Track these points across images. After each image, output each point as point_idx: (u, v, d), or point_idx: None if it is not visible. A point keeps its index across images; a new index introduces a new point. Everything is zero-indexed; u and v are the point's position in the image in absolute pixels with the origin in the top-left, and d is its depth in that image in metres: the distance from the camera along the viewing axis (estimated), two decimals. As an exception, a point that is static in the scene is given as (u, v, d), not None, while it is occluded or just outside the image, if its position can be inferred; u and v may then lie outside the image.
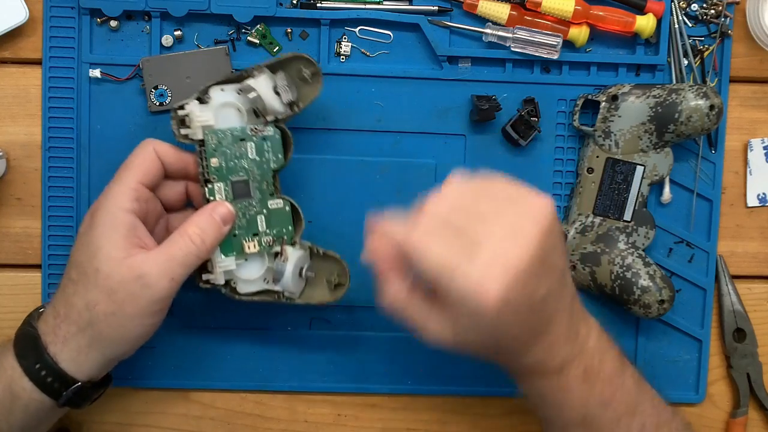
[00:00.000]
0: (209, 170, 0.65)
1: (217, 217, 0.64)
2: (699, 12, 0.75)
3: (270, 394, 0.76)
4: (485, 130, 0.74)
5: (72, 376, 0.62)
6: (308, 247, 0.67)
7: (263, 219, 0.66)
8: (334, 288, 0.68)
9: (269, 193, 0.66)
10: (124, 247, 0.61)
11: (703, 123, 0.71)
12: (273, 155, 0.66)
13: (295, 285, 0.66)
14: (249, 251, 0.66)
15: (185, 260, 0.62)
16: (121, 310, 0.61)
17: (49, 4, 0.71)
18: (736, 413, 0.77)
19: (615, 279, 0.73)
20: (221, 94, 0.65)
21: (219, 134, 0.65)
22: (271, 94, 0.65)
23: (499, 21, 0.72)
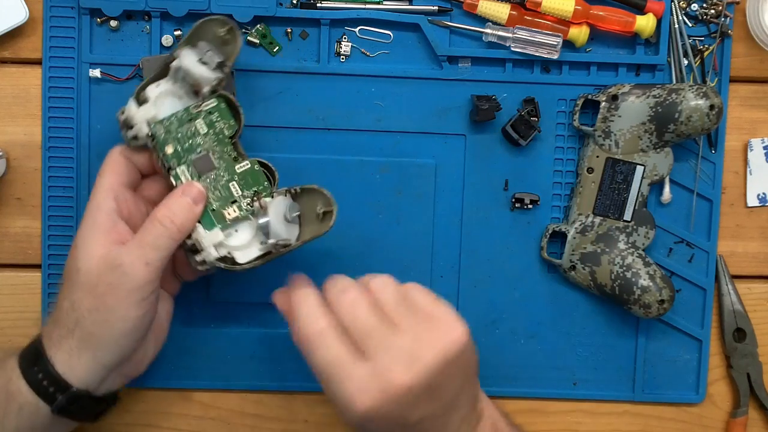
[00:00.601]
0: (167, 159, 0.65)
1: (187, 198, 0.63)
2: (699, 12, 0.75)
3: (270, 394, 0.76)
4: (485, 130, 0.74)
5: (66, 380, 0.62)
6: (285, 192, 0.66)
7: (236, 185, 0.66)
8: (323, 218, 0.66)
9: (233, 158, 0.66)
10: (103, 244, 0.61)
11: (703, 123, 0.71)
12: (224, 123, 0.66)
13: (286, 231, 0.65)
14: (230, 217, 0.65)
15: (156, 243, 0.61)
16: (103, 303, 0.61)
17: (49, 4, 0.71)
18: (736, 413, 0.77)
19: (615, 279, 0.73)
20: (156, 89, 0.66)
21: (164, 122, 0.65)
22: (198, 66, 0.65)
23: (499, 21, 0.72)
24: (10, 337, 0.74)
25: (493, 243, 0.75)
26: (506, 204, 0.75)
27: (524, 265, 0.76)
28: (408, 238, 0.74)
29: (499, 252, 0.75)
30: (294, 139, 0.73)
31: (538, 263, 0.76)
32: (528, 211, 0.75)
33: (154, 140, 0.65)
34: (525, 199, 0.74)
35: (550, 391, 0.77)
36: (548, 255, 0.75)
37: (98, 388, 0.64)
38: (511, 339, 0.76)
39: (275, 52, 0.73)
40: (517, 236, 0.75)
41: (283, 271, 0.74)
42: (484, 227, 0.75)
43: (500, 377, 0.76)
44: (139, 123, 0.65)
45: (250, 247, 0.66)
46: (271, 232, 0.65)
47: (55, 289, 0.73)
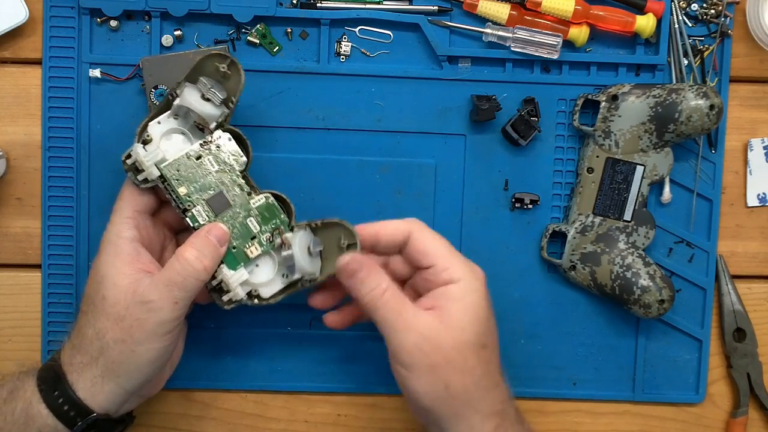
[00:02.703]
0: (181, 200, 0.65)
1: (212, 239, 0.64)
2: (699, 12, 0.75)
3: (270, 394, 0.76)
4: (485, 130, 0.74)
5: (88, 406, 0.62)
6: (306, 226, 0.67)
7: (253, 220, 0.66)
8: (346, 249, 0.66)
9: (247, 194, 0.66)
10: (128, 274, 0.62)
11: (703, 123, 0.71)
12: (233, 158, 0.66)
13: (310, 265, 0.66)
14: (253, 256, 0.65)
15: (185, 284, 0.62)
16: (130, 336, 0.61)
17: (49, 4, 0.71)
18: (736, 413, 0.77)
19: (615, 279, 0.73)
20: (159, 127, 0.65)
21: (174, 164, 0.64)
22: (201, 103, 0.64)
23: (499, 21, 0.72)
24: (9, 337, 0.74)
25: (493, 243, 0.75)
26: (506, 204, 0.75)
27: (524, 265, 0.76)
28: (408, 238, 0.74)
29: (499, 252, 0.75)
30: (294, 139, 0.73)
31: (538, 263, 0.76)
32: (528, 211, 0.75)
33: (166, 182, 0.64)
34: (525, 199, 0.74)
35: (550, 391, 0.77)
36: (548, 255, 0.75)
37: (118, 411, 0.64)
38: (511, 339, 0.76)
39: (275, 52, 0.73)
40: (517, 236, 0.75)
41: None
42: (484, 227, 0.75)
43: (500, 377, 0.76)
44: (148, 166, 0.64)
45: (274, 282, 0.67)
46: (296, 267, 0.65)
47: (56, 289, 0.73)
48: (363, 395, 0.76)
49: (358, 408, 0.77)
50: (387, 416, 0.77)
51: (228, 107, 0.65)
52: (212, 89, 0.64)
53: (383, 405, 0.77)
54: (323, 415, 0.76)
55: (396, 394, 0.76)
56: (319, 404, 0.76)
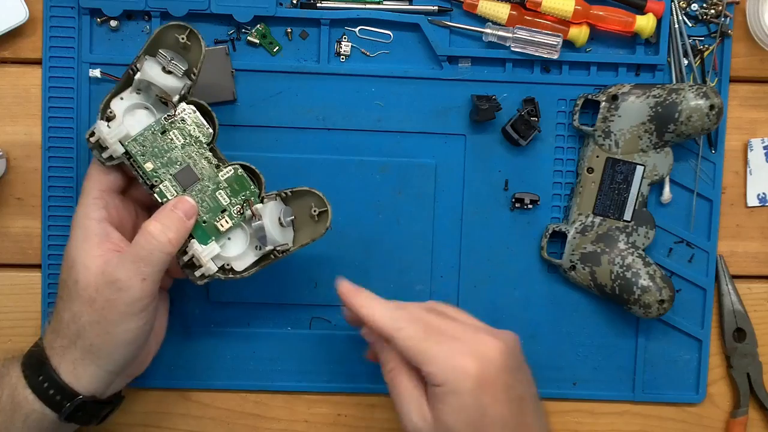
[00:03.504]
0: (147, 176, 0.64)
1: (178, 212, 0.63)
2: (699, 12, 0.75)
3: (270, 394, 0.76)
4: (485, 130, 0.74)
5: (73, 389, 0.62)
6: (276, 196, 0.66)
7: (222, 193, 0.65)
8: (318, 218, 0.66)
9: (215, 166, 0.65)
10: (97, 255, 0.61)
11: (703, 123, 0.71)
12: (199, 131, 0.65)
13: (281, 236, 0.65)
14: (224, 229, 0.65)
15: (151, 259, 0.61)
16: (103, 317, 0.61)
17: (49, 4, 0.71)
18: (736, 413, 0.77)
19: (615, 279, 0.73)
20: (121, 103, 0.64)
21: (139, 139, 0.64)
22: (162, 76, 0.63)
23: (499, 21, 0.72)
24: (9, 336, 0.74)
25: (493, 243, 0.75)
26: (506, 204, 0.75)
27: (524, 265, 0.76)
28: (408, 238, 0.74)
29: (499, 252, 0.75)
30: (294, 139, 0.73)
31: (538, 263, 0.76)
32: (528, 211, 0.75)
33: (131, 158, 0.64)
34: (525, 199, 0.74)
35: (550, 391, 0.77)
36: (548, 255, 0.75)
37: (104, 392, 0.64)
38: (511, 339, 0.76)
39: (275, 52, 0.73)
40: (517, 236, 0.75)
41: (283, 272, 0.74)
42: (484, 227, 0.75)
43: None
44: (112, 143, 0.63)
45: (246, 255, 0.66)
46: (267, 238, 0.64)
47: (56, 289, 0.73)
48: (363, 395, 0.76)
49: (358, 408, 0.77)
50: (387, 416, 0.77)
51: (190, 78, 0.64)
52: (173, 61, 0.63)
53: (383, 405, 0.76)
54: (323, 415, 0.76)
55: (396, 394, 0.76)
56: (319, 404, 0.76)
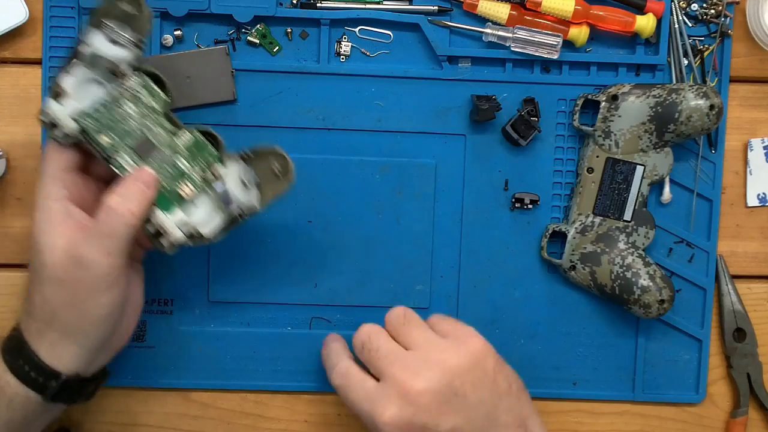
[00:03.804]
0: (104, 150, 0.63)
1: (138, 183, 0.62)
2: (699, 12, 0.75)
3: (270, 394, 0.76)
4: (485, 130, 0.74)
5: (55, 369, 0.62)
6: (237, 157, 0.65)
7: (182, 159, 0.64)
8: (281, 175, 0.65)
9: (172, 133, 0.64)
10: (61, 235, 0.61)
11: (703, 123, 0.71)
12: (153, 99, 0.64)
13: (246, 197, 0.64)
14: (187, 195, 0.64)
15: (113, 232, 0.60)
16: (74, 296, 0.61)
17: (49, 4, 0.71)
18: (736, 413, 0.77)
19: (615, 279, 0.73)
20: (71, 79, 0.63)
21: (92, 113, 0.63)
22: (109, 47, 0.62)
23: (499, 21, 0.72)
24: (10, 337, 0.74)
25: (493, 243, 0.75)
26: (506, 204, 0.75)
27: (524, 265, 0.76)
28: (408, 238, 0.74)
29: (499, 252, 0.75)
30: (294, 139, 0.73)
31: (538, 263, 0.76)
32: (528, 211, 0.75)
33: (86, 134, 0.63)
34: (525, 199, 0.74)
35: (550, 391, 0.77)
36: (548, 255, 0.75)
37: (87, 369, 0.64)
38: (511, 339, 0.76)
39: (275, 52, 0.73)
40: (517, 236, 0.75)
41: (283, 272, 0.74)
42: (484, 227, 0.75)
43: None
44: (65, 120, 0.62)
45: (212, 219, 0.65)
46: (232, 200, 0.64)
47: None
48: (363, 395, 0.76)
49: (358, 408, 0.76)
50: (387, 416, 0.77)
51: (138, 47, 0.63)
52: (118, 31, 0.62)
53: (383, 405, 0.76)
54: (323, 415, 0.76)
55: (396, 394, 0.76)
56: (319, 404, 0.76)
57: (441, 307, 0.75)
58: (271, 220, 0.73)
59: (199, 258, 0.74)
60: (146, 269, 0.70)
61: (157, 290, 0.74)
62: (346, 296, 0.75)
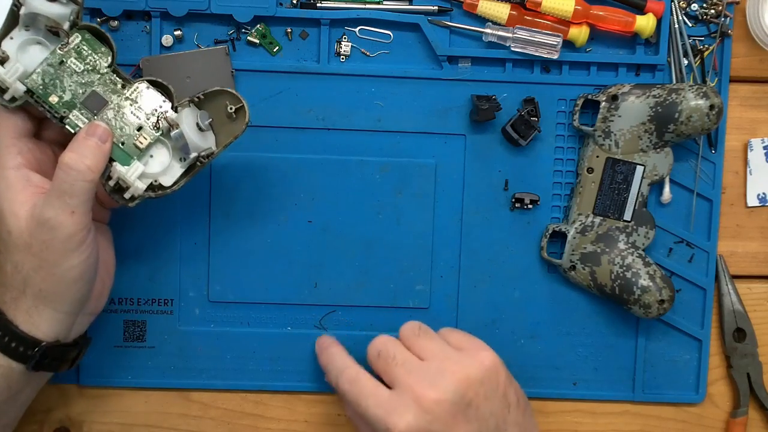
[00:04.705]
0: (55, 109, 0.63)
1: (92, 138, 0.62)
2: (699, 12, 0.75)
3: (270, 394, 0.76)
4: (485, 130, 0.74)
5: (34, 337, 0.62)
6: (188, 102, 0.65)
7: (134, 111, 0.64)
8: (236, 116, 0.65)
9: (121, 86, 0.64)
10: (23, 201, 0.61)
11: (703, 123, 0.71)
12: (97, 54, 0.64)
13: (203, 140, 0.64)
14: (143, 146, 0.64)
15: (73, 190, 0.60)
16: (44, 260, 0.60)
17: (49, 4, 0.71)
18: (736, 413, 0.77)
19: (615, 279, 0.73)
20: (12, 42, 0.62)
21: (38, 74, 0.62)
22: (47, 4, 0.61)
23: (499, 21, 0.72)
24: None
25: (493, 243, 0.75)
26: (506, 204, 0.75)
27: (524, 265, 0.76)
28: (408, 238, 0.74)
29: (499, 252, 0.75)
30: (294, 139, 0.73)
31: (538, 263, 0.76)
32: (528, 211, 0.75)
33: (35, 95, 0.63)
34: (525, 199, 0.74)
35: (550, 391, 0.77)
36: (548, 255, 0.75)
37: (67, 335, 0.64)
38: (511, 339, 0.76)
39: (275, 52, 0.73)
40: (517, 236, 0.75)
41: (283, 272, 0.74)
42: (484, 227, 0.75)
43: (500, 377, 0.76)
44: (11, 83, 0.61)
45: (172, 168, 0.65)
46: (189, 145, 0.63)
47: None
48: (363, 395, 0.76)
49: (358, 408, 0.76)
50: (387, 416, 0.77)
51: (76, 2, 0.63)
52: None
53: (383, 405, 0.76)
54: (323, 415, 0.76)
55: (396, 394, 0.76)
56: (319, 404, 0.76)
57: (441, 307, 0.75)
58: (271, 220, 0.73)
59: (199, 258, 0.74)
60: (146, 268, 0.71)
61: (157, 290, 0.74)
62: (346, 296, 0.75)
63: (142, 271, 0.73)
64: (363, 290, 0.75)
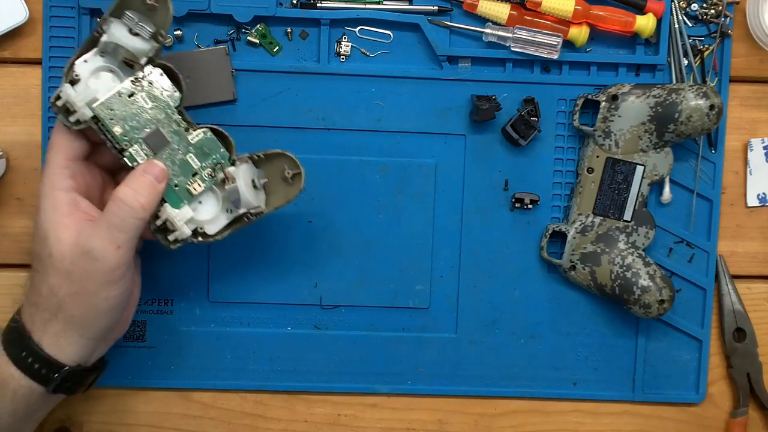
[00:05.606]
0: (117, 140, 0.63)
1: (149, 176, 0.62)
2: (699, 12, 0.75)
3: (270, 394, 0.76)
4: (485, 130, 0.74)
5: (58, 360, 0.62)
6: (248, 159, 0.65)
7: (193, 156, 0.64)
8: (291, 181, 0.66)
9: (184, 129, 0.64)
10: (69, 226, 0.61)
11: (703, 123, 0.71)
12: (167, 93, 0.64)
13: (255, 199, 0.65)
14: (196, 192, 0.64)
15: (124, 225, 0.60)
16: (82, 288, 0.61)
17: (49, 4, 0.71)
18: (736, 413, 0.77)
19: (615, 279, 0.73)
20: (86, 65, 0.63)
21: (107, 102, 0.62)
22: (129, 38, 0.62)
23: (499, 21, 0.72)
24: (10, 337, 0.74)
25: (493, 243, 0.75)
26: (506, 204, 0.75)
27: (524, 265, 0.76)
28: (408, 238, 0.74)
29: (499, 252, 0.75)
30: (294, 139, 0.73)
31: (538, 263, 0.76)
32: (528, 211, 0.75)
33: (99, 122, 0.63)
34: (525, 199, 0.74)
35: (550, 391, 0.77)
36: (548, 255, 0.75)
37: (88, 360, 0.64)
38: (511, 339, 0.76)
39: (275, 52, 0.73)
40: (517, 236, 0.75)
41: (283, 272, 0.74)
42: (484, 227, 0.75)
43: (500, 377, 0.76)
44: (80, 107, 0.62)
45: (218, 218, 0.65)
46: (241, 201, 0.64)
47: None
48: (363, 395, 0.76)
49: (358, 408, 0.77)
50: (387, 416, 0.77)
51: (158, 41, 0.63)
52: (140, 23, 0.62)
53: (383, 405, 0.77)
54: (323, 415, 0.76)
55: (396, 394, 0.76)
56: (319, 404, 0.76)
57: (441, 307, 0.75)
58: (272, 220, 0.73)
59: (199, 258, 0.74)
60: (146, 268, 0.71)
61: (157, 290, 0.74)
62: (346, 296, 0.75)
63: (142, 271, 0.73)
64: (363, 290, 0.75)
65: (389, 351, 0.75)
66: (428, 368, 0.76)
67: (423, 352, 0.75)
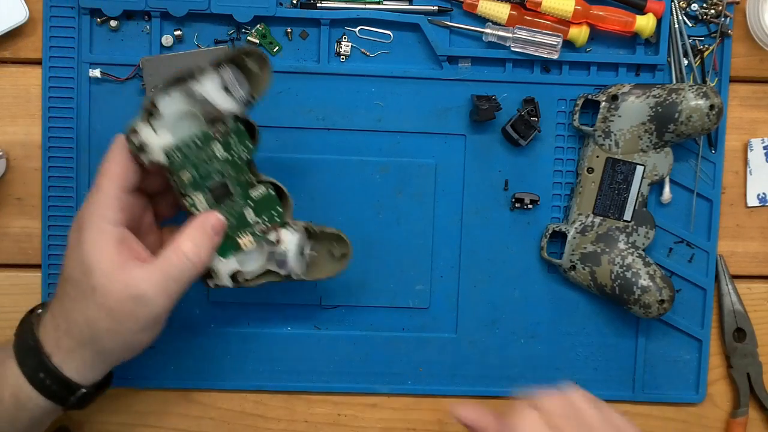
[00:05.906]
0: (183, 185, 0.62)
1: (209, 230, 0.62)
2: (699, 12, 0.75)
3: (270, 394, 0.76)
4: (485, 130, 0.74)
5: (77, 383, 0.62)
6: (303, 228, 0.66)
7: (250, 210, 0.64)
8: (339, 259, 0.67)
9: (249, 184, 0.64)
10: (117, 263, 0.59)
11: (703, 123, 0.71)
12: (242, 147, 0.63)
13: (299, 267, 0.66)
14: (246, 248, 0.65)
15: (181, 278, 0.61)
16: (122, 326, 0.60)
17: (49, 4, 0.71)
18: (736, 413, 0.77)
19: (615, 279, 0.73)
20: (170, 102, 0.61)
21: (183, 148, 0.61)
22: (221, 94, 0.61)
23: (499, 21, 0.72)
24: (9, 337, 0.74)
25: (493, 243, 0.75)
26: (506, 204, 0.75)
27: (524, 265, 0.76)
28: (408, 238, 0.74)
29: (499, 252, 0.75)
30: (294, 139, 0.73)
31: (538, 263, 0.76)
32: (528, 211, 0.75)
33: (171, 165, 0.61)
34: (525, 199, 0.74)
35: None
36: (548, 255, 0.75)
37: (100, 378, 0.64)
38: (511, 339, 0.76)
39: (275, 52, 0.73)
40: (517, 236, 0.75)
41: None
42: (484, 227, 0.75)
43: (500, 377, 0.76)
44: (156, 151, 0.61)
45: (261, 274, 0.67)
46: (288, 266, 0.65)
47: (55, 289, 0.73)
48: (363, 395, 0.76)
49: (358, 408, 0.77)
50: (387, 416, 0.77)
51: (247, 105, 0.62)
52: (236, 83, 0.61)
53: (383, 405, 0.77)
54: (323, 415, 0.76)
55: (396, 394, 0.76)
56: (319, 404, 0.76)
57: (441, 307, 0.75)
58: (271, 220, 0.73)
59: (199, 258, 0.74)
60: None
61: (157, 290, 0.74)
62: (346, 296, 0.75)
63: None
64: (363, 290, 0.75)
65: (389, 351, 0.75)
66: (428, 368, 0.76)
67: (423, 352, 0.76)
